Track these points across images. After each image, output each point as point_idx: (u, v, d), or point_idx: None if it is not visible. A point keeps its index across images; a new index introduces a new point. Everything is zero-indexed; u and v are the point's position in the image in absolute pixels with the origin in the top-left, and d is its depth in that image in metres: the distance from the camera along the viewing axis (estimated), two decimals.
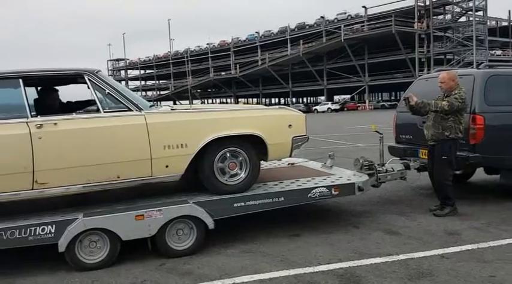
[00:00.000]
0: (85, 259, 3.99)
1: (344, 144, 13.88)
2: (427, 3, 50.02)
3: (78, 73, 4.34)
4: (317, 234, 4.74)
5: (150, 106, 4.67)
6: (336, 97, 71.61)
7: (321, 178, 5.16)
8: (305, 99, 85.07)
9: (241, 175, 4.57)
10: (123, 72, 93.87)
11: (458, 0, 48.46)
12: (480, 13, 48.30)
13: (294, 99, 73.12)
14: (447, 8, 50.67)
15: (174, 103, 52.57)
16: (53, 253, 3.94)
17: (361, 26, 53.99)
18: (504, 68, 6.41)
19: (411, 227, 4.93)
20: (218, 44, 75.06)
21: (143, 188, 4.67)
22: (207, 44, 76.65)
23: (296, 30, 62.79)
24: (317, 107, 55.87)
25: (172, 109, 4.74)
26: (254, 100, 77.69)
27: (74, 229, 3.91)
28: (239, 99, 74.85)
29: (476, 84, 5.59)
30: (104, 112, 4.25)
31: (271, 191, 4.67)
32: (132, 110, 4.28)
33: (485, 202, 5.91)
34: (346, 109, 55.60)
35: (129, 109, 4.28)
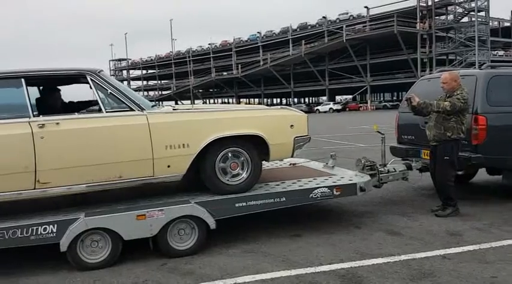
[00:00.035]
0: (87, 259, 4.00)
1: (346, 144, 13.87)
2: (429, 4, 49.95)
3: (81, 73, 4.35)
4: (319, 234, 4.74)
5: (152, 106, 4.67)
6: (338, 98, 71.54)
7: (322, 179, 5.16)
8: (307, 99, 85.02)
9: (242, 175, 4.57)
10: (125, 72, 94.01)
11: (461, 0, 48.40)
12: (482, 13, 48.23)
13: (295, 99, 73.09)
14: (449, 9, 50.61)
15: (176, 103, 52.57)
16: (55, 253, 3.94)
17: (363, 26, 53.95)
18: (506, 68, 6.40)
19: (413, 227, 4.93)
20: (220, 44, 75.14)
21: (145, 188, 4.68)
22: (209, 44, 76.75)
23: (298, 30, 62.79)
24: (319, 107, 55.89)
25: (174, 109, 4.74)
26: (256, 100, 77.67)
27: (75, 228, 3.91)
28: (241, 99, 74.82)
29: (479, 84, 5.58)
30: (106, 112, 4.25)
31: (273, 191, 4.67)
32: (134, 110, 4.29)
33: (487, 203, 5.90)
34: (348, 109, 55.59)
35: (131, 109, 4.29)
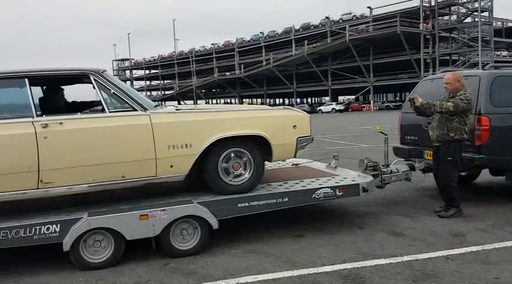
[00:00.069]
0: (89, 259, 4.00)
1: (348, 145, 13.86)
2: (433, 4, 49.81)
3: (84, 73, 4.36)
4: (321, 235, 4.74)
5: (155, 106, 4.68)
6: (341, 98, 71.52)
7: (325, 179, 5.16)
8: (309, 100, 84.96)
9: (245, 176, 4.58)
10: (128, 72, 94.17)
11: (464, 0, 48.26)
12: (486, 14, 48.06)
13: (298, 100, 73.00)
14: (453, 9, 50.47)
15: (179, 103, 52.67)
16: (57, 253, 3.95)
17: (366, 27, 53.86)
18: (510, 69, 6.37)
19: (416, 228, 4.92)
20: (223, 44, 75.13)
21: (147, 188, 4.68)
22: (212, 44, 76.76)
23: (301, 30, 62.71)
24: (321, 108, 55.85)
25: (177, 110, 4.75)
26: (258, 100, 77.72)
27: (78, 228, 3.92)
28: (243, 100, 74.87)
29: (482, 85, 5.56)
30: (109, 112, 4.26)
31: (276, 191, 4.67)
32: (137, 110, 4.30)
33: (490, 204, 5.88)
34: (350, 109, 55.51)
35: (134, 109, 4.30)
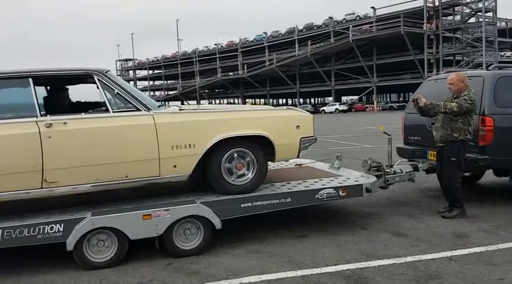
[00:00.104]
0: (93, 258, 4.01)
1: (352, 145, 13.84)
2: (436, 4, 49.70)
3: (88, 73, 4.37)
4: (324, 235, 4.73)
5: (159, 107, 4.68)
6: (344, 98, 71.37)
7: (328, 179, 5.15)
8: (312, 100, 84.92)
9: (248, 176, 4.58)
10: (132, 72, 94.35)
11: (468, 1, 48.14)
12: (490, 14, 47.93)
13: (301, 100, 73.03)
14: (456, 9, 50.35)
15: (182, 103, 52.74)
16: (61, 252, 3.96)
17: (370, 27, 53.79)
18: None
19: (419, 229, 4.91)
20: (226, 45, 75.20)
21: (151, 188, 4.69)
22: (215, 45, 76.82)
23: (304, 30, 62.69)
24: (324, 108, 55.78)
25: (180, 110, 4.75)
26: (261, 100, 77.72)
27: (82, 228, 3.93)
28: (246, 100, 74.90)
29: (486, 85, 5.55)
30: (113, 112, 4.27)
31: (279, 192, 4.66)
32: (140, 110, 4.30)
33: (494, 205, 5.86)
34: (353, 110, 55.43)
35: (138, 109, 4.31)
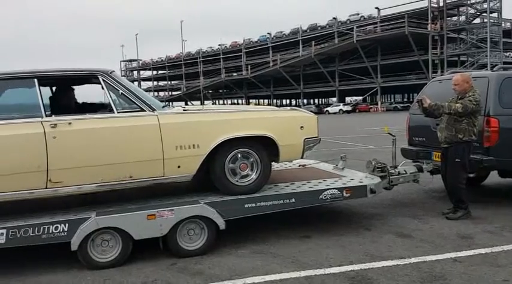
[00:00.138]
0: (97, 258, 4.02)
1: (356, 146, 13.82)
2: (441, 5, 49.60)
3: (93, 73, 4.38)
4: (328, 236, 4.73)
5: (163, 107, 4.69)
6: (348, 99, 71.32)
7: (332, 180, 5.15)
8: (316, 101, 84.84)
9: (252, 176, 4.58)
10: (136, 72, 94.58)
11: (473, 1, 47.97)
12: (495, 15, 47.80)
13: (305, 101, 72.96)
14: (461, 10, 50.20)
15: (186, 103, 52.70)
16: (65, 252, 3.97)
17: (374, 27, 53.72)
18: None
19: (423, 230, 4.89)
20: (230, 45, 75.25)
21: (155, 188, 4.70)
22: (219, 45, 76.92)
23: (308, 31, 62.68)
24: (328, 108, 55.76)
25: (184, 110, 4.76)
26: (265, 101, 77.72)
27: (86, 227, 3.94)
28: (250, 100, 74.90)
29: (491, 86, 5.53)
30: (118, 112, 4.29)
31: (283, 192, 4.66)
32: (145, 110, 4.31)
33: (499, 206, 5.84)
34: (357, 110, 55.37)
35: (143, 110, 4.32)
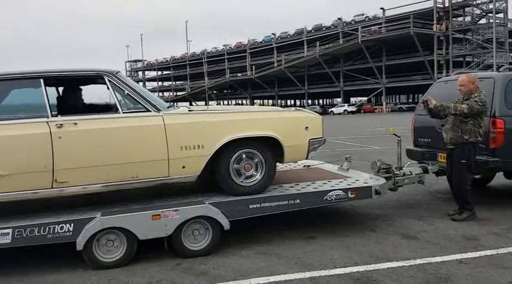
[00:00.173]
0: (102, 258, 4.03)
1: (361, 147, 13.79)
2: (446, 5, 49.41)
3: (98, 74, 4.40)
4: (333, 237, 4.72)
5: (168, 107, 4.70)
6: (353, 99, 71.17)
7: (337, 181, 5.14)
8: (321, 101, 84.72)
9: (256, 177, 4.58)
10: (141, 73, 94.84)
11: (478, 2, 47.77)
12: (500, 15, 47.59)
13: (309, 101, 72.87)
14: (467, 10, 50.04)
15: (191, 104, 52.87)
16: (70, 252, 3.99)
17: (379, 28, 53.60)
18: None
19: (429, 231, 4.88)
20: (234, 46, 75.30)
21: (160, 188, 4.71)
22: (224, 46, 76.98)
23: (313, 31, 62.60)
24: (333, 109, 55.64)
25: (189, 110, 4.77)
26: (270, 101, 77.69)
27: (91, 227, 3.96)
28: (255, 101, 74.91)
29: (497, 87, 5.50)
30: (123, 112, 4.30)
31: (287, 193, 4.66)
32: (150, 111, 4.33)
33: (505, 207, 5.81)
34: (362, 111, 55.22)
35: (148, 110, 4.33)
